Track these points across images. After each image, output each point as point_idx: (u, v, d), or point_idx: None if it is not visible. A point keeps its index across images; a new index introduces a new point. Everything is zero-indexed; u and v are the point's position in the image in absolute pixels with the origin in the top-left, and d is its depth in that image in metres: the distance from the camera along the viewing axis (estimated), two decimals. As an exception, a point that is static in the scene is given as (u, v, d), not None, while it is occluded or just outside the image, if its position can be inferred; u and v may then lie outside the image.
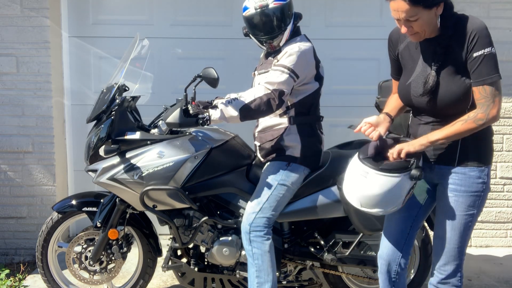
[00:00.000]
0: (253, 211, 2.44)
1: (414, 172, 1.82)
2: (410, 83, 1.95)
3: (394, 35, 2.06)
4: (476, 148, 1.89)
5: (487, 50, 1.76)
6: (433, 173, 1.98)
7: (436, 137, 1.84)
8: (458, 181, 1.90)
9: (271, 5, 2.40)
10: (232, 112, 2.30)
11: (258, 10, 2.40)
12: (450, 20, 1.83)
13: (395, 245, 2.10)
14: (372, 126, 1.98)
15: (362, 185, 1.88)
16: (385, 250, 2.12)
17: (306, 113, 2.52)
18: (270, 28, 2.43)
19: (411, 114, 2.07)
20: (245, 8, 2.46)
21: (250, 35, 2.54)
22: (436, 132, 1.85)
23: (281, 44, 2.47)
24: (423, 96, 1.88)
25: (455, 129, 1.81)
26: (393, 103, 2.12)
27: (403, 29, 1.83)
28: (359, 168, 1.89)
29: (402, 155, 1.85)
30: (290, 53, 2.39)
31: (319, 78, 2.51)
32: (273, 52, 2.52)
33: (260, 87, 2.37)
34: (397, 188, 1.84)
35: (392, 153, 1.87)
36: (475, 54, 1.77)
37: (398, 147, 1.87)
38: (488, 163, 1.91)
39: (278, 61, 2.42)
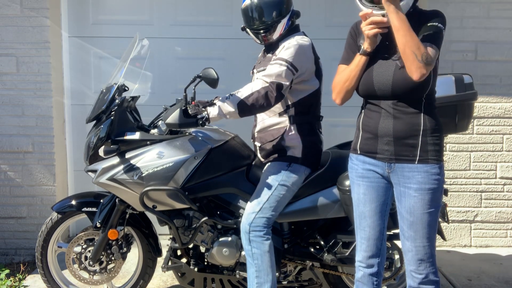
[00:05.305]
0: (253, 211, 2.44)
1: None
2: (372, 69, 1.98)
3: (354, 27, 2.16)
4: (434, 144, 1.94)
5: (440, 25, 1.90)
6: (393, 173, 1.99)
7: (399, 24, 1.82)
8: (421, 180, 1.93)
9: None
10: (230, 107, 2.30)
11: (255, 0, 2.43)
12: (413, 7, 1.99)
13: (374, 248, 2.10)
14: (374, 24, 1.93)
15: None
16: (365, 253, 2.11)
17: (306, 113, 2.52)
18: (265, 19, 2.44)
19: (363, 109, 2.07)
20: (243, 1, 2.48)
21: (247, 30, 2.55)
22: (403, 25, 1.83)
23: (274, 37, 2.48)
24: (396, 61, 1.90)
25: (413, 36, 1.81)
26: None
27: None
28: None
29: None
30: (287, 47, 2.40)
31: (319, 75, 2.51)
32: (271, 49, 2.52)
33: (257, 81, 2.37)
34: None
35: None
36: (429, 24, 1.90)
37: None
38: (443, 159, 1.98)
39: (276, 56, 2.43)
